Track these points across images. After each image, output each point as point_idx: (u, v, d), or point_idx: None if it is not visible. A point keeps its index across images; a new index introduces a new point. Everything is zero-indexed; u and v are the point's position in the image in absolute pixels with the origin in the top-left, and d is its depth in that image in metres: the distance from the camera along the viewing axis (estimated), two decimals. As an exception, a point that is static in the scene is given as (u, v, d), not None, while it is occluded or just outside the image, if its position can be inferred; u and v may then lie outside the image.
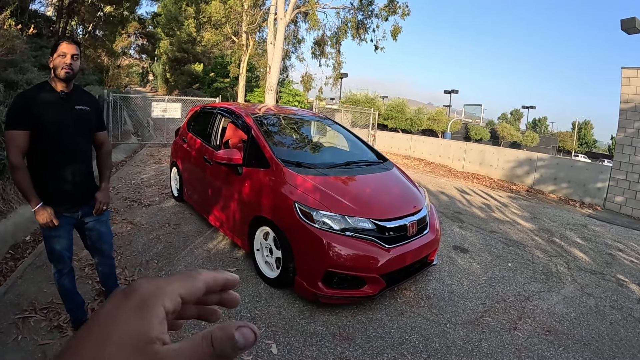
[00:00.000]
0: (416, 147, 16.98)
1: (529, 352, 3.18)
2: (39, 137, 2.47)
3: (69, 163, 2.63)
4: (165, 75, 42.42)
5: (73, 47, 2.50)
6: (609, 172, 9.95)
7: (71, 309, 2.93)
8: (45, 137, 2.49)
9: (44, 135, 2.48)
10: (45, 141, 2.49)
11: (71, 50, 2.49)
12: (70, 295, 2.88)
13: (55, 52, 2.47)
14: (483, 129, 38.64)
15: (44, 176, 2.54)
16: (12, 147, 2.40)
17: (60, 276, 2.77)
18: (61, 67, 2.46)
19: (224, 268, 4.21)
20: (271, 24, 15.53)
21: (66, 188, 2.64)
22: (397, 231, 3.61)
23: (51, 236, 2.63)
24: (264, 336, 3.10)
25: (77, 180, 2.68)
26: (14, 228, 4.79)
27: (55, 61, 2.47)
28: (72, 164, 2.65)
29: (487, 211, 7.94)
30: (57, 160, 2.58)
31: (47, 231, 2.60)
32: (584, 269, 5.12)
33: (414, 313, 3.63)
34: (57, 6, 17.98)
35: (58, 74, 2.48)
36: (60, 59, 2.46)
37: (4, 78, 6.58)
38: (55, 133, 2.52)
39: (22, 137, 2.41)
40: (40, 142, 2.48)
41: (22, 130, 2.41)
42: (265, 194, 3.92)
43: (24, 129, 2.42)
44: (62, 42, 2.48)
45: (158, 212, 5.97)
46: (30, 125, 2.43)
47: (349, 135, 5.51)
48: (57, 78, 2.50)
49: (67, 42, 2.49)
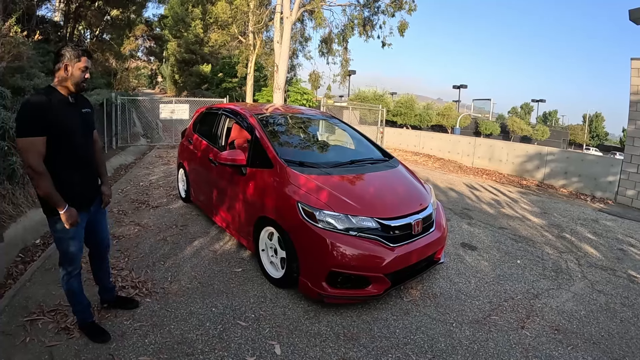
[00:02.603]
0: (425, 143, 16.90)
1: (537, 352, 3.14)
2: (55, 142, 2.53)
3: (83, 165, 2.77)
4: (173, 77, 42.69)
5: (90, 61, 2.67)
6: (620, 165, 9.82)
7: (79, 311, 2.98)
8: (61, 141, 2.56)
9: (59, 140, 2.55)
10: (60, 146, 2.57)
11: (90, 65, 2.67)
12: (78, 298, 2.94)
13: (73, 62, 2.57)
14: (493, 124, 38.36)
15: (63, 179, 2.60)
16: (33, 154, 2.43)
17: (69, 278, 2.84)
18: (81, 80, 2.61)
19: (229, 268, 4.22)
20: (277, 23, 15.54)
21: (82, 189, 2.77)
22: (401, 230, 3.58)
23: (68, 238, 2.70)
24: (268, 337, 3.10)
25: (89, 180, 2.85)
26: (23, 232, 4.84)
27: (75, 72, 2.58)
28: (85, 165, 2.80)
29: (496, 207, 7.87)
30: (73, 164, 2.68)
31: (63, 233, 2.67)
32: (594, 265, 5.05)
33: (419, 312, 3.60)
34: (64, 11, 18.13)
35: (76, 84, 2.61)
36: (81, 73, 2.60)
37: (11, 84, 6.65)
38: (69, 137, 2.61)
39: (41, 143, 2.46)
40: (55, 146, 2.54)
41: (41, 137, 2.46)
42: (269, 194, 3.92)
43: (42, 134, 2.47)
44: (84, 56, 2.61)
45: (165, 213, 6.00)
46: (47, 131, 2.48)
47: (354, 133, 5.49)
48: (72, 86, 2.61)
49: (88, 56, 2.64)
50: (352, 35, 18.30)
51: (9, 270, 4.07)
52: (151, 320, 3.22)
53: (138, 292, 3.64)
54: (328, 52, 19.45)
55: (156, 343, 2.95)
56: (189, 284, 3.85)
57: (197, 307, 3.45)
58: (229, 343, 2.99)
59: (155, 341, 2.97)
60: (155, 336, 3.02)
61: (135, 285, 3.75)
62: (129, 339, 2.96)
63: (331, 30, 18.64)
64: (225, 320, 3.28)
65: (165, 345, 2.93)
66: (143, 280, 3.86)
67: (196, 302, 3.53)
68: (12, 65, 7.82)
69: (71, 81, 2.59)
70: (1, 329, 3.00)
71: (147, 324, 3.16)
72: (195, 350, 2.89)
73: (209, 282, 3.91)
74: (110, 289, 3.35)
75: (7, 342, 2.86)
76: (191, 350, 2.88)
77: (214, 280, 3.95)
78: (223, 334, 3.10)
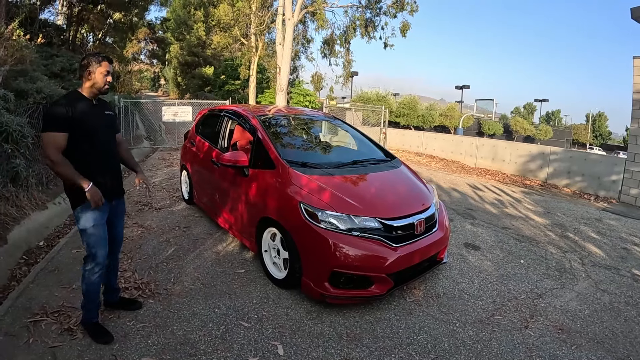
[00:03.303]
0: (428, 144, 16.89)
1: (540, 352, 3.12)
2: (78, 140, 2.78)
3: (104, 160, 2.99)
4: (176, 79, 42.85)
5: (111, 65, 2.92)
6: (623, 164, 9.77)
7: (89, 309, 3.02)
8: (83, 138, 2.80)
9: (82, 138, 2.80)
10: (83, 143, 2.81)
11: (111, 69, 2.92)
12: (94, 296, 3.00)
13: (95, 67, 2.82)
14: (496, 124, 38.32)
15: (83, 170, 2.78)
16: (52, 146, 2.68)
17: (92, 273, 2.93)
18: (104, 83, 2.87)
19: (232, 270, 4.23)
20: (279, 25, 15.55)
21: (103, 180, 2.93)
22: (404, 230, 3.57)
23: (92, 229, 2.87)
24: (270, 337, 3.10)
25: (110, 175, 3.04)
26: (27, 234, 4.86)
27: (97, 76, 2.83)
28: (106, 160, 3.02)
29: (499, 207, 7.85)
30: (94, 159, 2.90)
31: (88, 223, 2.85)
32: (598, 264, 5.03)
33: (422, 312, 3.60)
34: (67, 15, 18.19)
35: (99, 88, 2.87)
36: (103, 77, 2.85)
37: (14, 87, 6.66)
38: (91, 135, 2.86)
39: (62, 138, 2.71)
40: (79, 143, 2.79)
41: (63, 133, 2.71)
42: (271, 195, 3.92)
43: (64, 131, 2.72)
44: (105, 61, 2.86)
45: (168, 215, 6.02)
46: (70, 128, 2.73)
47: (356, 134, 5.48)
48: (95, 90, 2.88)
49: (108, 61, 2.90)
50: (354, 37, 18.33)
51: (12, 272, 4.09)
52: (154, 321, 3.23)
53: (141, 294, 3.65)
54: (330, 54, 19.47)
55: (159, 344, 2.95)
56: (191, 285, 3.86)
57: (200, 308, 3.45)
58: (231, 344, 3.00)
59: (158, 342, 2.97)
60: (158, 337, 3.03)
61: (138, 287, 3.76)
62: (131, 340, 2.97)
63: (333, 31, 18.70)
64: (228, 321, 3.28)
65: (168, 346, 2.93)
66: (146, 282, 3.87)
67: (199, 303, 3.53)
68: (15, 68, 7.84)
69: (95, 85, 2.85)
70: (5, 330, 3.02)
71: (150, 325, 3.17)
72: (198, 351, 2.89)
73: (211, 283, 3.91)
74: (116, 290, 3.37)
75: (11, 343, 2.88)
76: (194, 351, 2.89)
77: (217, 281, 3.96)
78: (226, 334, 3.11)
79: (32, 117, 6.42)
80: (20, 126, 5.37)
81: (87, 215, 2.83)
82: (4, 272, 4.02)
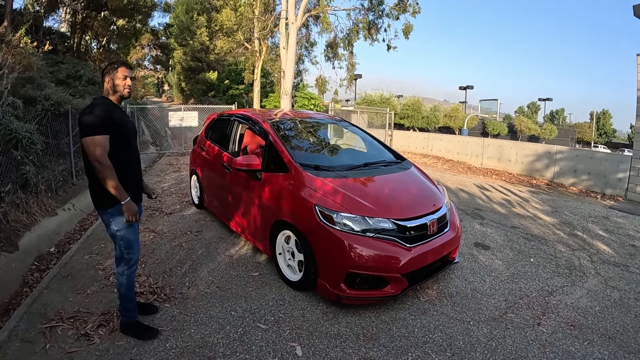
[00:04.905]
0: (433, 145, 16.91)
1: (554, 347, 3.16)
2: (116, 141, 2.84)
3: (135, 163, 3.11)
4: (180, 85, 42.98)
5: (129, 70, 2.98)
6: (629, 161, 9.77)
7: (129, 308, 3.10)
8: (121, 141, 2.89)
9: (120, 139, 2.88)
10: (120, 145, 2.88)
11: (130, 73, 2.98)
12: (133, 293, 3.12)
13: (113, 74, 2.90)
14: (500, 124, 38.17)
15: (120, 175, 2.83)
16: (100, 149, 2.73)
17: (130, 273, 3.04)
18: (124, 87, 2.93)
19: (246, 273, 4.27)
20: (283, 29, 15.59)
21: (136, 184, 3.09)
22: (417, 230, 3.61)
23: (126, 229, 2.97)
24: (288, 339, 3.14)
25: (139, 178, 3.18)
26: (38, 240, 4.92)
27: (117, 81, 2.90)
28: (136, 164, 3.14)
29: (507, 207, 7.87)
30: (128, 161, 3.00)
31: (119, 225, 2.93)
32: (607, 261, 5.05)
33: (437, 312, 3.63)
34: (71, 22, 18.29)
35: (121, 92, 2.94)
36: (123, 81, 2.91)
37: (22, 94, 6.71)
38: (127, 138, 2.97)
39: (106, 141, 2.77)
40: (116, 145, 2.85)
41: (106, 135, 2.77)
42: (285, 198, 3.96)
43: (108, 134, 2.78)
44: (122, 66, 2.93)
45: (179, 220, 6.06)
46: (112, 130, 2.81)
47: (365, 136, 5.52)
48: (117, 95, 2.95)
49: (126, 66, 2.96)
50: (357, 39, 18.39)
51: (24, 278, 4.15)
52: (171, 325, 3.27)
53: (156, 298, 3.69)
54: (334, 57, 19.52)
55: (177, 347, 2.99)
56: (207, 289, 3.90)
57: (216, 311, 3.49)
58: (250, 345, 3.04)
59: (177, 345, 3.01)
60: (176, 340, 3.07)
61: (153, 291, 3.80)
62: (150, 344, 3.01)
63: (336, 34, 18.75)
64: (245, 324, 3.32)
65: (187, 349, 2.97)
66: (161, 286, 3.91)
67: (215, 306, 3.58)
68: (23, 75, 7.88)
69: (117, 90, 2.92)
70: (21, 336, 3.05)
71: (167, 329, 3.21)
72: (217, 354, 2.93)
73: (226, 287, 3.96)
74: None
75: (27, 349, 2.91)
76: (213, 354, 2.93)
77: (232, 285, 4.00)
78: (244, 336, 3.15)
79: (41, 124, 6.48)
80: (30, 133, 5.41)
81: (119, 219, 2.91)
82: (15, 278, 4.07)
